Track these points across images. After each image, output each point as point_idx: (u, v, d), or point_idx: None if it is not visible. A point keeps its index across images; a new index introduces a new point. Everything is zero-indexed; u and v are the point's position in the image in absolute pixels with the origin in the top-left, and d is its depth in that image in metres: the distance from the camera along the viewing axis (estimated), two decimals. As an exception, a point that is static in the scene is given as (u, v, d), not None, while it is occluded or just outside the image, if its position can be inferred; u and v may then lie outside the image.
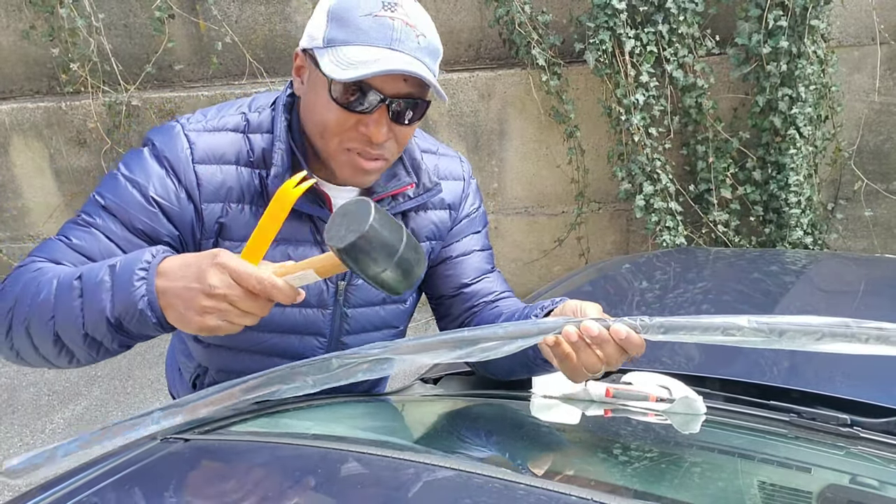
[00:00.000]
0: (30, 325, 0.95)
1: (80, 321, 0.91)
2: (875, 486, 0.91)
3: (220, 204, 1.08)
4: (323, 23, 0.99)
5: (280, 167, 1.06)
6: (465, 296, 1.26)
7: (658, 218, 3.34)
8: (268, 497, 0.75)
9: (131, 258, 0.92)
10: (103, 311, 0.90)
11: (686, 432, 1.06)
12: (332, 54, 0.97)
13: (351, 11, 0.97)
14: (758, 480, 0.89)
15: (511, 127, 3.59)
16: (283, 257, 1.10)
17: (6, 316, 0.97)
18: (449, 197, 1.24)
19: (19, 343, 0.98)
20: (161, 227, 1.06)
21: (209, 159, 1.07)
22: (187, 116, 1.12)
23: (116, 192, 1.06)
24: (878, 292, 1.66)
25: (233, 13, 3.61)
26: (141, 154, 1.08)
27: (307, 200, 1.08)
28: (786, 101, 3.22)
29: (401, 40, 0.97)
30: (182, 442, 0.91)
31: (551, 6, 3.45)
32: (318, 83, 1.01)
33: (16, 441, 3.00)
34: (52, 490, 0.79)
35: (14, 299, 0.97)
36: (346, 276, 1.16)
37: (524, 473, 0.77)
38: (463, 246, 1.27)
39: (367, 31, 0.96)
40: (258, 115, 1.11)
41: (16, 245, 3.79)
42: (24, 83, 3.73)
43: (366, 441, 1.00)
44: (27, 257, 1.04)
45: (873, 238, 3.68)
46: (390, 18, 0.96)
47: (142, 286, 0.88)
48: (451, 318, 1.28)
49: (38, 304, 0.94)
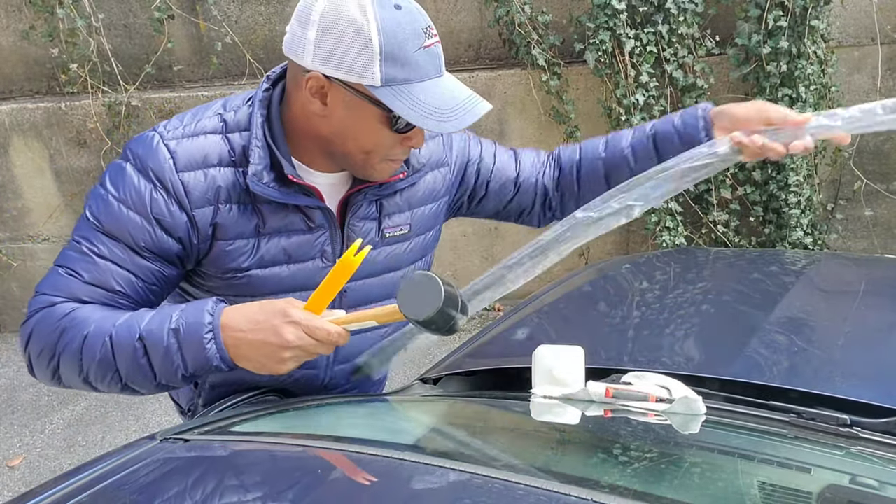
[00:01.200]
0: (87, 376, 1.05)
1: (152, 375, 1.04)
2: (875, 486, 0.91)
3: (211, 207, 1.08)
4: (371, 58, 0.98)
5: (258, 164, 1.07)
6: (524, 184, 1.37)
7: (658, 218, 3.34)
8: (267, 497, 0.75)
9: (192, 322, 1.01)
10: (178, 371, 1.03)
11: (686, 432, 1.06)
12: (401, 97, 1.00)
13: (404, 48, 0.99)
14: (757, 480, 0.89)
15: (511, 127, 3.59)
16: (277, 249, 1.12)
17: (50, 360, 1.06)
18: (434, 157, 1.27)
19: (71, 383, 1.09)
20: (162, 241, 1.07)
21: (192, 165, 1.07)
22: (164, 124, 1.11)
23: (111, 214, 1.06)
24: (878, 292, 1.66)
25: (233, 13, 3.61)
26: (125, 170, 1.08)
27: (293, 192, 1.10)
28: (786, 102, 3.22)
29: (442, 63, 1.05)
30: (182, 442, 0.91)
31: (551, 6, 3.45)
32: (364, 112, 1.03)
33: (16, 441, 3.00)
34: (53, 490, 0.79)
35: (56, 349, 1.05)
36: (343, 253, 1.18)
37: (524, 473, 0.77)
38: (486, 163, 1.34)
39: (423, 66, 1.01)
40: (234, 115, 1.11)
41: (16, 245, 3.79)
42: (23, 83, 3.73)
43: (366, 441, 1.00)
44: (40, 295, 1.07)
45: (873, 238, 3.68)
46: (433, 46, 1.02)
47: (212, 347, 1.01)
48: (529, 210, 1.40)
49: (97, 362, 1.03)
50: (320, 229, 1.15)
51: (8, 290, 3.82)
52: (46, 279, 1.08)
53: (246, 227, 1.10)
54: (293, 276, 1.15)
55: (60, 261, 1.08)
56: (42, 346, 1.05)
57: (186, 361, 1.02)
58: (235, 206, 1.09)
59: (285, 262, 1.14)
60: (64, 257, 1.08)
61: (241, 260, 1.11)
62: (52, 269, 1.09)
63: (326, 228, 1.15)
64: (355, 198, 1.17)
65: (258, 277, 1.13)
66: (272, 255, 1.13)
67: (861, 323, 1.45)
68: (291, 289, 1.15)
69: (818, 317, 1.51)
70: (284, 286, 1.15)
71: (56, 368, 1.06)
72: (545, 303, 1.77)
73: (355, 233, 1.18)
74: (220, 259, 1.11)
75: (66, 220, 3.75)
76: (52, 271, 1.08)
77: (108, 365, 1.03)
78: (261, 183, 1.07)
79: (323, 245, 1.16)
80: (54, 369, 1.07)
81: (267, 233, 1.12)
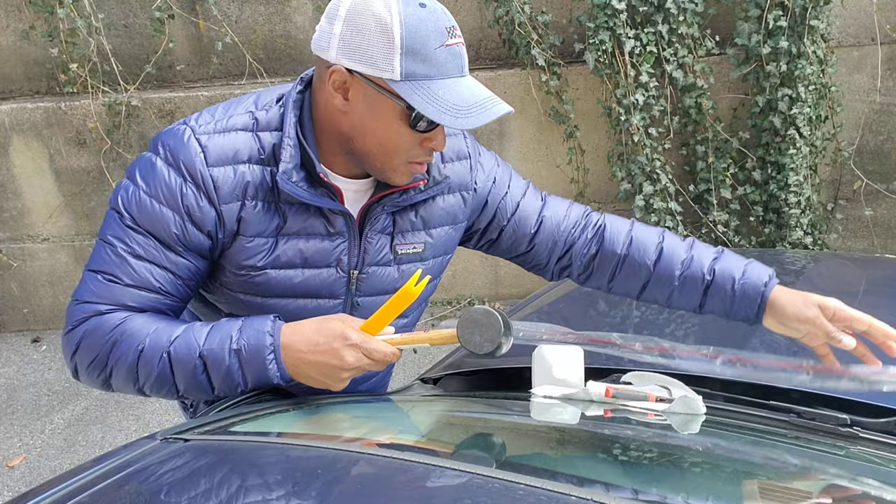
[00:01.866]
0: (143, 387, 1.08)
1: (210, 389, 1.08)
2: (875, 486, 0.91)
3: (238, 202, 1.09)
4: (392, 52, 0.99)
5: (289, 163, 1.07)
6: (540, 244, 1.28)
7: (658, 218, 3.34)
8: (267, 497, 0.75)
9: (253, 343, 1.05)
10: (237, 387, 1.07)
11: (686, 432, 1.06)
12: (420, 92, 1.00)
13: (426, 44, 0.99)
14: (758, 480, 0.89)
15: (511, 127, 3.59)
16: (293, 251, 1.13)
17: (101, 371, 1.08)
18: (458, 179, 1.24)
19: (123, 391, 1.11)
20: (193, 235, 1.08)
21: (222, 161, 1.08)
22: (195, 117, 1.11)
23: (143, 210, 1.07)
24: (878, 292, 1.66)
25: (233, 13, 3.61)
26: (154, 164, 1.08)
27: (319, 195, 1.10)
28: (785, 102, 3.22)
29: (465, 65, 1.05)
30: (182, 442, 0.91)
31: (551, 6, 3.45)
32: (386, 109, 1.04)
33: (15, 441, 3.00)
34: (52, 490, 0.79)
35: (108, 361, 1.07)
36: (359, 265, 1.18)
37: (524, 473, 0.77)
38: (507, 206, 1.27)
39: (444, 64, 1.01)
40: (266, 113, 1.12)
41: (16, 245, 3.79)
42: (23, 83, 3.73)
43: (366, 441, 1.00)
44: (82, 304, 1.08)
45: (873, 238, 3.68)
46: (456, 46, 1.03)
47: (273, 367, 1.05)
48: (542, 267, 1.32)
49: (154, 377, 1.07)
50: (339, 237, 1.15)
51: (8, 290, 3.82)
52: (85, 286, 1.08)
53: (268, 226, 1.11)
54: (306, 281, 1.15)
55: (96, 265, 1.08)
56: (92, 358, 1.07)
57: (247, 379, 1.06)
58: (261, 204, 1.10)
59: (300, 266, 1.14)
60: (99, 261, 1.08)
61: (257, 258, 1.12)
62: (87, 274, 1.09)
63: (346, 237, 1.15)
64: (374, 209, 1.16)
65: (271, 277, 1.13)
66: (288, 256, 1.13)
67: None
68: (303, 294, 1.15)
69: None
70: (297, 290, 1.15)
71: (108, 378, 1.09)
72: (545, 302, 1.77)
73: (371, 245, 1.17)
74: (237, 254, 1.11)
75: (66, 220, 3.75)
76: (89, 277, 1.08)
77: (165, 379, 1.07)
78: (290, 182, 1.07)
79: (340, 254, 1.15)
80: (105, 379, 1.09)
81: (286, 234, 1.12)
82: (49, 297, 3.84)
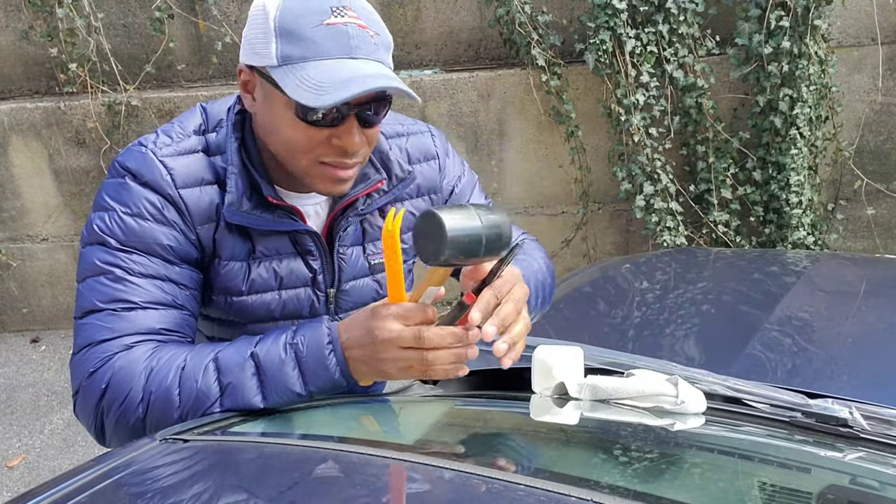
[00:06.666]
0: (185, 409, 0.96)
1: (260, 395, 0.97)
2: (875, 486, 0.91)
3: (212, 223, 1.05)
4: (269, 37, 0.94)
5: (234, 193, 1.02)
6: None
7: (658, 218, 3.34)
8: (267, 497, 0.75)
9: (311, 341, 0.96)
10: (293, 390, 0.97)
11: (686, 432, 1.06)
12: (293, 74, 0.92)
13: (300, 23, 0.91)
14: (758, 480, 0.89)
15: (511, 127, 3.59)
16: (268, 273, 1.09)
17: (136, 407, 0.96)
18: (425, 182, 1.20)
19: (159, 422, 0.97)
20: (183, 244, 1.04)
21: (189, 183, 1.04)
22: (152, 139, 1.05)
23: (129, 231, 1.01)
24: (878, 292, 1.66)
25: (232, 13, 3.61)
26: (126, 185, 1.02)
27: (277, 217, 1.06)
28: (786, 102, 3.22)
29: (358, 46, 0.93)
30: (182, 442, 0.91)
31: (551, 6, 3.45)
32: (277, 102, 0.96)
33: (15, 441, 3.00)
34: (52, 490, 0.78)
35: (144, 394, 0.96)
36: (336, 282, 1.15)
37: (524, 473, 0.76)
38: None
39: (322, 43, 0.91)
40: (215, 136, 1.07)
41: (15, 245, 3.78)
42: (22, 83, 3.73)
43: (365, 441, 1.00)
44: (97, 345, 0.97)
45: (874, 238, 3.68)
46: (343, 24, 0.92)
47: (333, 363, 0.96)
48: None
49: (196, 392, 0.96)
50: (310, 255, 1.11)
51: (7, 290, 3.81)
52: (93, 328, 0.98)
53: (240, 250, 1.08)
54: (284, 303, 1.12)
55: (96, 302, 0.99)
56: (126, 392, 0.96)
57: (307, 380, 0.98)
58: (229, 227, 1.07)
59: (276, 288, 1.11)
60: (98, 296, 0.98)
61: (234, 283, 1.09)
62: (94, 315, 0.98)
63: (317, 256, 1.11)
64: (339, 222, 1.12)
65: (248, 303, 1.11)
66: (264, 278, 1.10)
67: (862, 323, 1.45)
68: (282, 316, 1.13)
69: (819, 317, 1.51)
70: (275, 314, 1.13)
71: (143, 416, 0.97)
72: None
73: (345, 260, 1.14)
74: (215, 279, 1.09)
75: (65, 220, 3.75)
76: (94, 319, 0.98)
77: (209, 392, 0.97)
78: (239, 212, 1.02)
79: (315, 273, 1.12)
80: (139, 418, 0.97)
81: (258, 257, 1.09)
82: (48, 297, 3.84)
